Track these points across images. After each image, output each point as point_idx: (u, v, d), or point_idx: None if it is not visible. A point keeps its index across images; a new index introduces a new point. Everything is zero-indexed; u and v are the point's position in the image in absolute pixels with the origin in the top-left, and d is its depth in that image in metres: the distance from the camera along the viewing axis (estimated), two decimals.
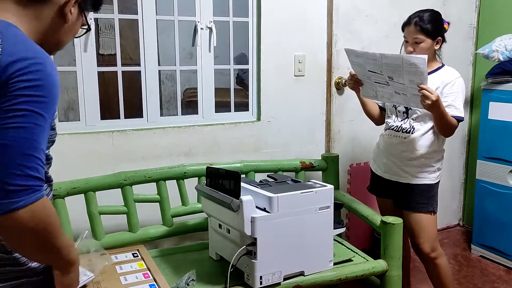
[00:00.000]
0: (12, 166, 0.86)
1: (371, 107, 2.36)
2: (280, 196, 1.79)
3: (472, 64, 3.44)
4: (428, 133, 2.16)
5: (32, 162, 0.89)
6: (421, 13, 2.11)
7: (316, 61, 2.81)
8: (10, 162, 0.86)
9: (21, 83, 0.87)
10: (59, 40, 1.09)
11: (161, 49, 2.90)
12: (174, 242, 2.43)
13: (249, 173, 2.38)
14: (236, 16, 2.64)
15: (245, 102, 2.80)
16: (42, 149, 0.92)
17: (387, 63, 1.92)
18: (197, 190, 2.06)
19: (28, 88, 0.87)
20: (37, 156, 0.90)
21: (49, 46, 1.06)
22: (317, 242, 1.92)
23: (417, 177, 2.19)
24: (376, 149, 2.38)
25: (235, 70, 2.76)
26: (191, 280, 1.85)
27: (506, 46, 2.83)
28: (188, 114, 2.68)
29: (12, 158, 0.86)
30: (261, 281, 1.78)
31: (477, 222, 3.16)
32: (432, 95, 1.89)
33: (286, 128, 2.76)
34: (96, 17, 2.38)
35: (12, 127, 0.86)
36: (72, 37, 1.15)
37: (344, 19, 2.86)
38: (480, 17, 3.37)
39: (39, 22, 1.02)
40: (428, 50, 2.10)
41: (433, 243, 2.23)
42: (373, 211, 2.31)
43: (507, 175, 2.91)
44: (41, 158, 0.91)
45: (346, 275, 1.99)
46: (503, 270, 2.97)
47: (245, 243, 1.78)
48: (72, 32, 1.13)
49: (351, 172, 3.02)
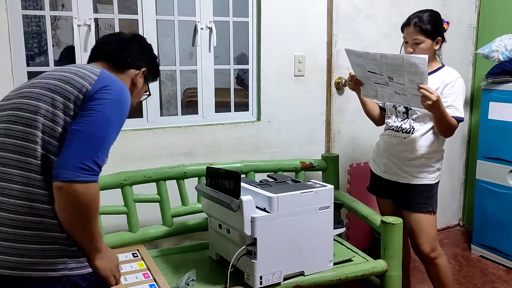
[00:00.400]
0: (90, 151, 1.17)
1: (371, 107, 2.36)
2: (280, 196, 1.79)
3: (472, 64, 3.44)
4: (428, 133, 2.16)
5: (102, 153, 1.20)
6: (420, 14, 2.11)
7: (316, 61, 2.81)
8: (90, 148, 1.18)
9: (103, 94, 1.25)
10: (133, 100, 1.48)
11: (161, 49, 2.90)
12: (174, 242, 2.43)
13: (249, 173, 2.37)
14: (236, 16, 2.64)
15: (245, 102, 2.80)
16: (110, 145, 1.25)
17: (387, 63, 1.92)
18: (197, 190, 2.06)
19: (107, 99, 1.25)
20: (106, 150, 1.23)
21: None
22: (317, 242, 1.92)
23: (417, 177, 2.19)
24: (376, 149, 2.38)
25: (235, 70, 2.76)
26: (191, 280, 1.85)
27: (506, 46, 2.83)
28: (188, 114, 2.68)
29: (92, 146, 1.18)
30: (261, 281, 1.78)
31: (477, 222, 3.16)
32: (432, 95, 1.88)
33: (286, 128, 2.76)
34: (96, 17, 2.38)
35: (96, 121, 1.21)
36: (137, 101, 1.56)
37: (344, 19, 2.86)
38: (480, 17, 3.37)
39: None
40: (428, 50, 2.10)
41: (433, 243, 2.23)
42: (373, 211, 2.31)
43: (507, 175, 2.91)
44: (107, 152, 1.24)
45: (346, 275, 1.99)
46: (503, 270, 2.97)
47: (245, 243, 1.78)
48: (138, 97, 1.55)
49: (351, 172, 3.02)
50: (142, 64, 1.49)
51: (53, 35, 2.88)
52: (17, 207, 1.18)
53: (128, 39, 1.52)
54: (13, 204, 1.18)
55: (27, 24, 3.47)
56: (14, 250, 1.18)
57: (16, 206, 1.18)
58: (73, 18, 2.25)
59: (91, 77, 1.28)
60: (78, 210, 1.18)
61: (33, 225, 1.19)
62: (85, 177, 1.15)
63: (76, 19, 2.25)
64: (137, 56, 1.49)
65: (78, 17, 2.26)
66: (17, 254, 1.18)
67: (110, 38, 1.54)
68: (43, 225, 1.20)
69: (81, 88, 1.25)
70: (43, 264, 1.19)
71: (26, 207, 1.19)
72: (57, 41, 3.60)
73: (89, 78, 1.28)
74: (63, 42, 3.61)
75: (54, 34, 3.52)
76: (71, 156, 1.16)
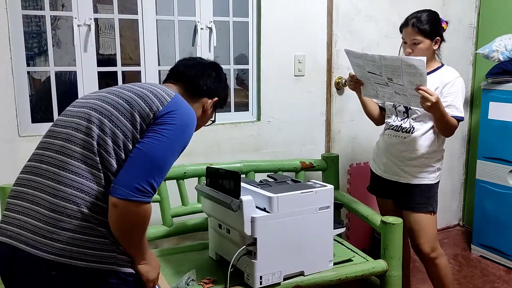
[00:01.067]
0: (148, 173, 1.23)
1: (371, 107, 2.36)
2: (280, 196, 1.79)
3: (472, 64, 3.44)
4: (428, 133, 2.16)
5: (159, 176, 1.26)
6: (418, 14, 2.11)
7: (316, 61, 2.81)
8: (149, 170, 1.24)
9: (170, 119, 1.30)
10: (199, 125, 1.52)
11: (161, 49, 2.90)
12: (174, 242, 2.43)
13: (249, 173, 2.37)
14: (236, 16, 2.64)
15: (245, 102, 2.80)
16: (168, 169, 1.30)
17: (386, 64, 1.92)
18: (197, 190, 2.06)
19: (174, 124, 1.30)
20: (164, 173, 1.28)
21: None
22: (317, 242, 1.92)
23: (417, 177, 2.19)
24: (376, 149, 2.38)
25: (235, 71, 2.76)
26: (191, 280, 1.85)
27: (506, 46, 2.83)
28: None
29: (150, 168, 1.24)
30: (261, 281, 1.78)
31: (477, 222, 3.16)
32: (432, 96, 1.88)
33: (286, 128, 2.76)
34: (96, 17, 2.38)
35: (159, 145, 1.26)
36: (202, 126, 1.60)
37: (344, 19, 2.86)
38: (480, 17, 3.37)
39: None
40: (427, 50, 2.10)
41: (433, 243, 2.23)
42: (373, 211, 2.31)
43: (507, 175, 2.91)
44: (164, 176, 1.29)
45: (346, 275, 1.99)
46: (503, 270, 2.97)
47: (245, 243, 1.78)
48: (204, 122, 1.60)
49: (351, 172, 3.02)
50: (216, 94, 1.54)
51: (53, 35, 2.88)
52: (77, 199, 1.24)
53: (207, 65, 1.56)
54: (73, 195, 1.24)
55: (27, 24, 3.47)
56: (67, 238, 1.22)
57: (75, 197, 1.24)
58: (73, 18, 2.25)
59: (164, 98, 1.34)
60: (128, 226, 1.26)
61: (87, 217, 1.24)
62: (139, 197, 1.21)
63: (76, 19, 2.25)
64: (213, 85, 1.53)
65: (78, 17, 2.26)
66: (67, 243, 1.22)
67: (189, 62, 1.58)
68: (96, 219, 1.26)
69: (152, 106, 1.31)
70: (93, 256, 1.24)
71: (83, 199, 1.24)
72: (57, 41, 3.60)
73: (162, 99, 1.33)
74: (63, 42, 3.61)
75: (54, 34, 3.51)
76: (130, 175, 1.23)
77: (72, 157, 1.26)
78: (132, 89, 1.37)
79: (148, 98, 1.33)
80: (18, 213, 1.27)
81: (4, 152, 2.13)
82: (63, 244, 1.21)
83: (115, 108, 1.31)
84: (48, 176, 1.26)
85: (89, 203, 1.24)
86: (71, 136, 1.29)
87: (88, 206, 1.24)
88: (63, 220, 1.22)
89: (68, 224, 1.22)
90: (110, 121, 1.29)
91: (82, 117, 1.31)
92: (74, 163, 1.26)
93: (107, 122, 1.29)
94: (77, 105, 1.38)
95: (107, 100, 1.34)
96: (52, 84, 2.29)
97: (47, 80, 2.41)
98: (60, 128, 1.33)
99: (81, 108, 1.35)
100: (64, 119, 1.35)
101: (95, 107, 1.32)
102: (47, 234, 1.21)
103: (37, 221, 1.23)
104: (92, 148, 1.26)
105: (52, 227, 1.22)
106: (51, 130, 1.35)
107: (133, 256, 1.34)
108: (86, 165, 1.26)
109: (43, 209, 1.24)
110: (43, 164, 1.29)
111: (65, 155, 1.27)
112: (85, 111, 1.32)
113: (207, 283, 1.86)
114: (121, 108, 1.31)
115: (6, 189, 1.87)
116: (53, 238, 1.21)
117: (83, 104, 1.36)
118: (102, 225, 1.26)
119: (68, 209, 1.23)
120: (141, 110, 1.30)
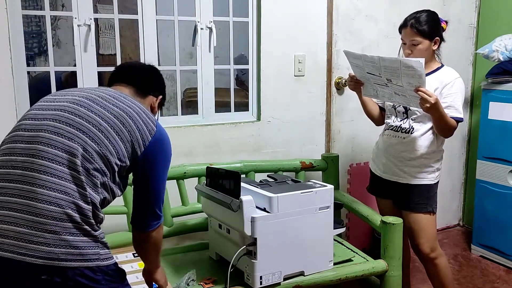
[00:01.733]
0: (156, 203, 1.48)
1: (371, 108, 2.36)
2: (280, 196, 1.79)
3: (472, 64, 3.44)
4: (428, 133, 2.15)
5: (161, 204, 1.50)
6: (417, 15, 2.11)
7: (316, 61, 2.81)
8: (156, 201, 1.47)
9: (161, 155, 1.45)
10: None
11: (161, 49, 2.90)
12: (174, 242, 2.43)
13: (249, 173, 2.37)
14: (236, 16, 2.64)
15: (245, 102, 2.80)
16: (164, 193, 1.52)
17: (385, 65, 1.92)
18: (197, 190, 2.06)
19: (165, 157, 1.47)
20: (163, 200, 1.52)
21: None
22: (317, 242, 1.92)
23: (416, 177, 2.19)
24: (376, 149, 2.38)
25: (234, 71, 2.76)
26: (191, 280, 1.86)
27: (506, 46, 2.83)
28: (188, 114, 2.68)
29: (157, 198, 1.48)
30: (261, 281, 1.78)
31: (477, 222, 3.16)
32: (431, 98, 1.88)
33: (286, 128, 2.76)
34: (96, 17, 2.38)
35: (159, 178, 1.46)
36: None
37: (344, 19, 2.86)
38: (480, 17, 3.37)
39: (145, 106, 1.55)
40: (426, 51, 2.10)
41: (433, 243, 2.23)
42: (373, 211, 2.31)
43: (507, 175, 2.91)
44: (163, 201, 1.53)
45: (346, 275, 1.99)
46: (503, 270, 2.97)
47: (245, 243, 1.78)
48: None
49: (351, 172, 3.02)
50: (160, 92, 1.66)
51: (53, 35, 2.89)
52: (60, 200, 1.23)
53: (149, 67, 1.68)
54: (56, 198, 1.24)
55: (27, 24, 3.47)
56: (54, 241, 1.21)
57: (58, 199, 1.23)
58: (73, 18, 2.25)
59: (151, 126, 1.42)
60: (151, 246, 1.54)
61: (71, 218, 1.25)
62: (156, 224, 1.49)
63: (76, 19, 2.25)
64: (156, 84, 1.66)
65: (78, 17, 2.26)
66: (55, 245, 1.21)
67: (132, 64, 1.75)
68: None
69: (144, 134, 1.39)
70: (80, 255, 1.24)
71: (66, 201, 1.25)
72: (57, 41, 3.60)
73: (149, 127, 1.41)
74: (63, 42, 3.61)
75: (54, 34, 3.52)
76: (146, 212, 1.47)
77: (50, 160, 1.25)
78: (125, 110, 1.39)
79: (139, 124, 1.39)
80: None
81: None
82: (50, 247, 1.20)
83: (107, 139, 1.32)
84: (25, 181, 1.23)
85: (72, 203, 1.23)
86: (49, 140, 1.27)
87: (71, 207, 1.23)
88: (48, 223, 1.20)
89: (53, 226, 1.21)
90: (99, 147, 1.31)
91: (64, 148, 1.27)
92: (52, 166, 1.24)
93: (95, 148, 1.30)
94: (48, 117, 1.32)
95: (95, 124, 1.32)
96: (52, 84, 2.29)
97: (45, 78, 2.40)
98: (31, 132, 1.29)
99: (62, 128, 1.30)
100: (35, 124, 1.31)
101: (83, 139, 1.29)
102: (33, 239, 1.19)
103: (19, 227, 1.20)
104: (74, 153, 1.26)
105: (37, 231, 1.20)
106: (19, 135, 1.31)
107: (149, 267, 1.61)
108: (64, 166, 1.25)
109: (24, 214, 1.21)
110: (17, 169, 1.25)
111: (42, 158, 1.24)
112: (69, 140, 1.28)
113: (207, 283, 1.86)
114: (114, 139, 1.34)
115: None
116: (39, 242, 1.19)
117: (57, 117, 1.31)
118: (86, 223, 1.26)
119: (53, 211, 1.21)
120: (135, 136, 1.37)
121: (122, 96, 1.44)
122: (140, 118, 1.39)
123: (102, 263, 1.27)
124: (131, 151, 1.36)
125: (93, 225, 1.28)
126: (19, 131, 1.31)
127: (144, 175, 1.43)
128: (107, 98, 1.39)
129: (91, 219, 1.27)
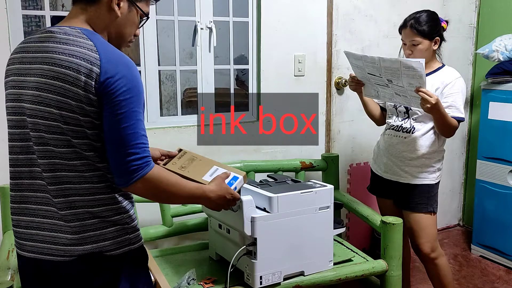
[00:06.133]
0: (127, 155, 1.14)
1: (372, 108, 2.36)
2: (280, 196, 1.79)
3: (472, 64, 3.44)
4: (429, 133, 2.16)
5: (138, 148, 1.15)
6: (417, 15, 2.11)
7: (316, 61, 2.81)
8: (125, 152, 1.13)
9: (116, 93, 1.12)
10: (120, 34, 1.27)
11: (161, 49, 2.90)
12: (174, 242, 2.43)
13: (249, 173, 2.37)
14: (236, 16, 2.64)
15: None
16: (144, 134, 1.17)
17: (385, 66, 1.93)
18: None
19: (122, 94, 1.12)
20: (142, 142, 1.16)
21: (115, 42, 1.25)
22: (317, 242, 1.92)
23: (417, 177, 2.19)
24: (377, 149, 2.38)
25: (234, 72, 2.76)
26: (191, 280, 1.86)
27: (506, 46, 2.83)
28: (188, 114, 2.68)
29: (126, 149, 1.13)
30: (261, 281, 1.78)
31: (477, 222, 3.16)
32: (432, 98, 1.88)
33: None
34: None
35: (121, 127, 1.13)
36: (134, 29, 1.30)
37: (344, 19, 2.86)
38: (480, 17, 3.37)
39: (100, 20, 1.21)
40: (427, 51, 2.10)
41: (433, 243, 2.23)
42: (373, 211, 2.31)
43: (507, 175, 2.91)
44: (145, 141, 1.17)
45: (346, 275, 1.99)
46: (503, 270, 2.97)
47: (245, 243, 1.78)
48: (129, 24, 1.27)
49: (351, 172, 3.02)
50: None
51: None
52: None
53: None
54: None
55: (27, 24, 3.47)
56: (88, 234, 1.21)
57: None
58: None
59: (93, 57, 1.12)
60: (158, 197, 1.32)
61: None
62: (136, 174, 1.15)
63: None
64: None
65: None
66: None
67: None
68: None
69: (89, 73, 1.11)
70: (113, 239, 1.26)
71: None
72: None
73: (92, 59, 1.12)
74: None
75: None
76: (119, 163, 1.15)
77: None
78: (58, 62, 1.14)
79: (78, 65, 1.11)
80: (31, 229, 1.23)
81: (4, 152, 2.12)
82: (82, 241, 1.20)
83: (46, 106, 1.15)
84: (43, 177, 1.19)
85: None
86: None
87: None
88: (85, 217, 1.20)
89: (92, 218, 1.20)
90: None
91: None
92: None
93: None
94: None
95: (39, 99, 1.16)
96: None
97: None
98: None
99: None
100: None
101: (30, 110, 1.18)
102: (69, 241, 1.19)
103: (57, 233, 1.20)
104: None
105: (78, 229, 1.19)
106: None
107: (195, 199, 1.37)
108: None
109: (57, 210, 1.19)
110: (34, 167, 1.21)
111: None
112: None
113: (207, 283, 1.86)
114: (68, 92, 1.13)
115: (6, 189, 1.87)
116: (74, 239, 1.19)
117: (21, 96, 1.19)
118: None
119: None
120: (78, 82, 1.11)
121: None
122: (75, 59, 1.12)
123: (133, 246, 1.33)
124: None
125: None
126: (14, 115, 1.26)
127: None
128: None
129: None
